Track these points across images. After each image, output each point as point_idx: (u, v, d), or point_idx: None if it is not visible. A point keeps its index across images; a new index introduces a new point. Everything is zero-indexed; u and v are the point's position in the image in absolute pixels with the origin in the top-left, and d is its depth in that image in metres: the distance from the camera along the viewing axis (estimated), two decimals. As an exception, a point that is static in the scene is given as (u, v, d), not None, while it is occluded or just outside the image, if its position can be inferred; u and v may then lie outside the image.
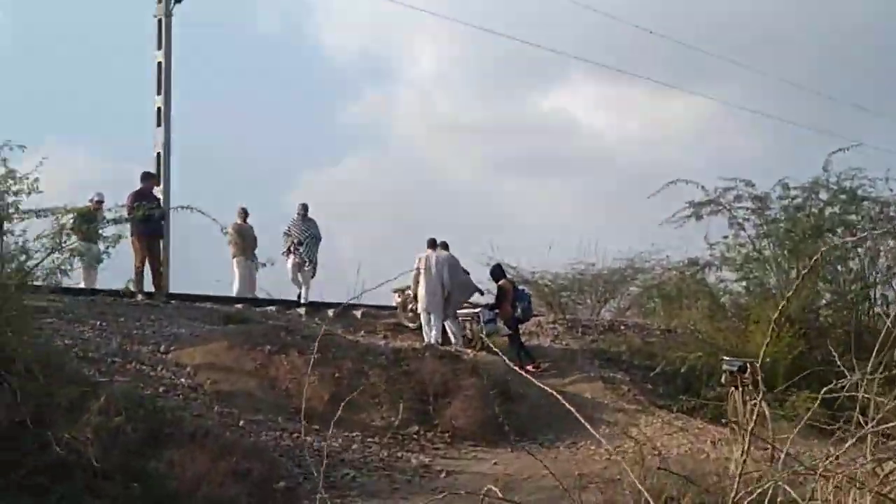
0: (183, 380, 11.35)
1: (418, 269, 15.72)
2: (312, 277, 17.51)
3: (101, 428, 8.28)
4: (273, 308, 16.32)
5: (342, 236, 41.48)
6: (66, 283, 12.34)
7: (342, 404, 6.35)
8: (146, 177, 15.64)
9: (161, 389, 10.77)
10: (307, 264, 17.32)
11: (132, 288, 13.91)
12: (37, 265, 9.74)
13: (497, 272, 16.97)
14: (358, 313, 17.01)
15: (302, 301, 16.78)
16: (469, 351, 14.79)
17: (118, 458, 8.31)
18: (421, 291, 15.78)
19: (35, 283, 10.02)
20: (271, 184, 48.16)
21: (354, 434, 11.13)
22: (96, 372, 10.62)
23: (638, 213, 40.05)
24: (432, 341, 15.13)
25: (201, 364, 11.81)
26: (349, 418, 11.60)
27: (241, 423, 10.38)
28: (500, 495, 4.59)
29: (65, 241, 9.91)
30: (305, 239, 17.28)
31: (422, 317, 15.93)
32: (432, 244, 16.19)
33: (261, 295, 18.74)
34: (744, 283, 17.00)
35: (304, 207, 17.64)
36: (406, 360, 13.01)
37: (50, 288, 10.65)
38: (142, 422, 9.23)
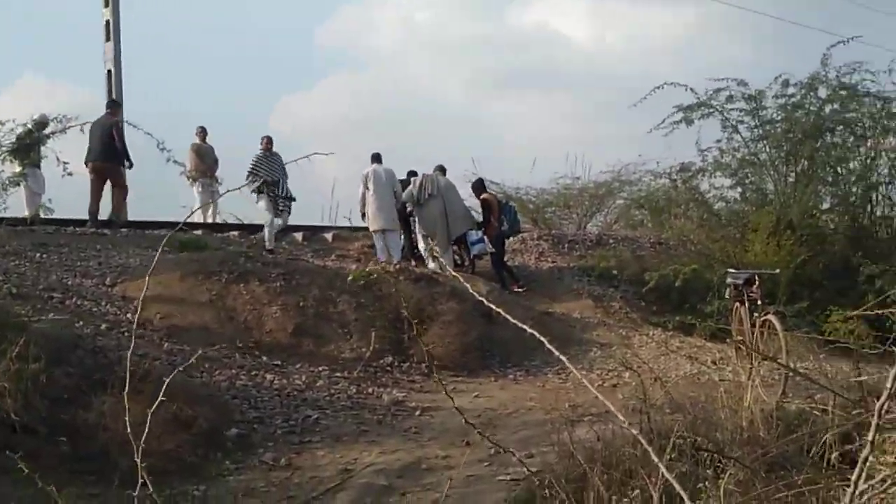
0: (129, 315, 10.12)
1: (364, 185, 14.56)
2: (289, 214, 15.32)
3: (21, 376, 7.10)
4: (235, 233, 15.08)
5: (323, 158, 40.01)
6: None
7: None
8: (111, 104, 14.93)
9: (104, 327, 9.54)
10: (283, 203, 14.92)
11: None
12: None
13: (479, 186, 15.75)
14: (329, 236, 15.82)
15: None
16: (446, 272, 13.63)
17: (44, 409, 7.14)
18: (370, 209, 14.54)
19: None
20: (251, 110, 47.01)
21: (320, 369, 9.96)
22: (31, 310, 9.41)
23: (625, 126, 39.03)
24: (394, 261, 13.90)
25: (150, 296, 10.58)
26: (315, 351, 10.47)
27: (192, 361, 9.18)
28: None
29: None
30: (280, 177, 14.86)
31: (374, 237, 14.76)
32: (376, 159, 14.82)
33: (230, 220, 17.64)
34: (739, 190, 15.95)
35: (269, 141, 15.08)
36: (378, 285, 11.78)
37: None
38: (76, 366, 8.08)
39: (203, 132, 16.69)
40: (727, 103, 15.39)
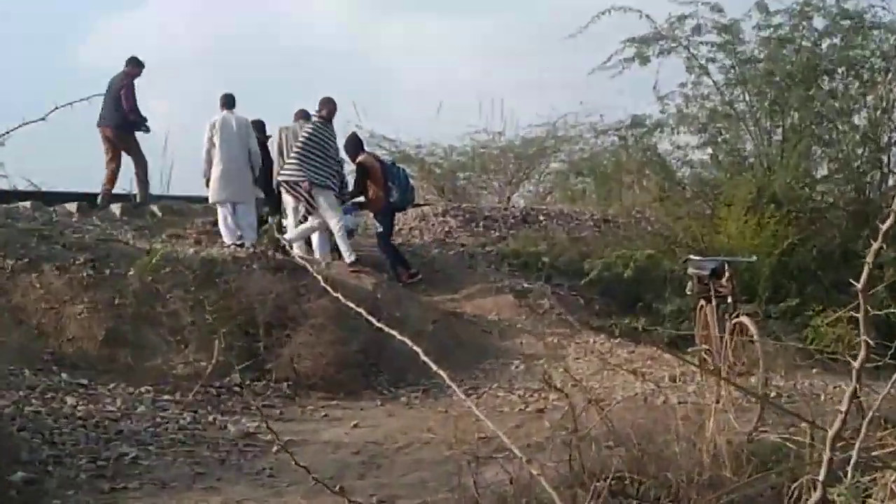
0: None
1: (209, 139, 14.35)
2: None
3: None
4: (27, 204, 14.75)
5: (153, 99, 39.56)
6: None
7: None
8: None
9: None
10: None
11: None
12: None
13: (353, 145, 15.19)
14: (157, 209, 15.61)
15: None
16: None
17: None
18: (215, 173, 14.36)
19: None
20: (57, 35, 46.08)
21: (143, 390, 9.86)
22: None
23: (563, 66, 39.09)
24: (233, 242, 13.99)
25: None
26: (135, 366, 10.39)
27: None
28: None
29: None
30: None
31: (218, 211, 14.58)
32: (227, 103, 14.58)
33: (20, 186, 17.25)
34: (710, 151, 16.21)
35: (333, 106, 14.77)
36: (224, 276, 11.72)
37: None
38: None
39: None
40: (694, 35, 15.57)
